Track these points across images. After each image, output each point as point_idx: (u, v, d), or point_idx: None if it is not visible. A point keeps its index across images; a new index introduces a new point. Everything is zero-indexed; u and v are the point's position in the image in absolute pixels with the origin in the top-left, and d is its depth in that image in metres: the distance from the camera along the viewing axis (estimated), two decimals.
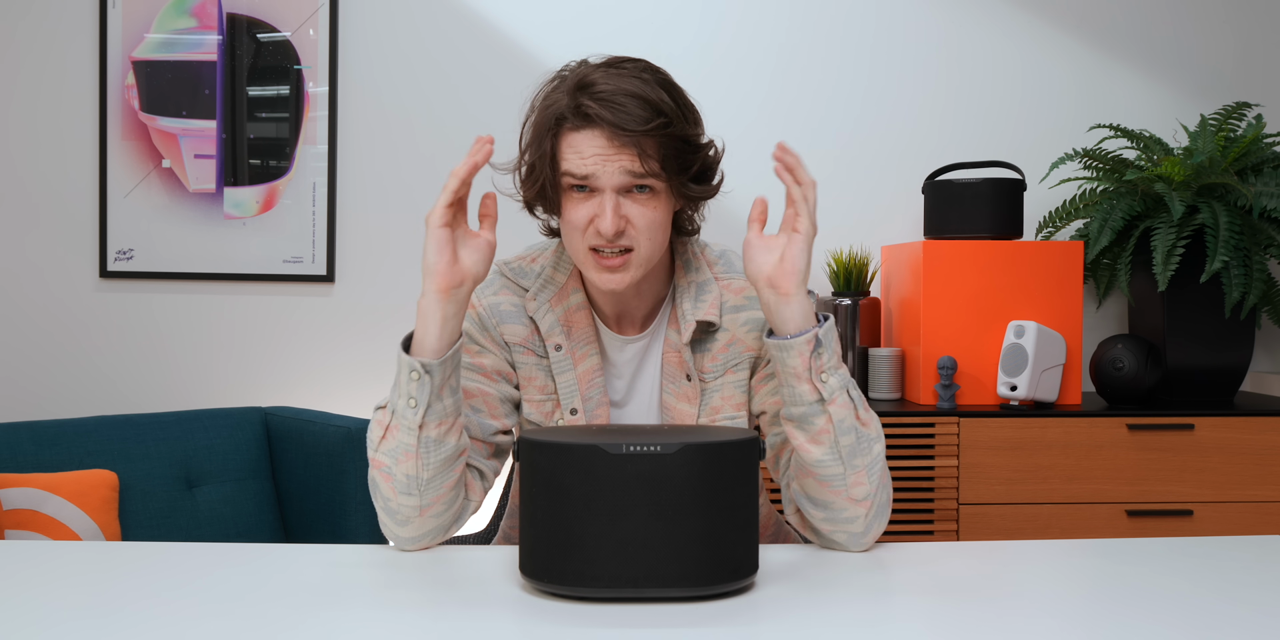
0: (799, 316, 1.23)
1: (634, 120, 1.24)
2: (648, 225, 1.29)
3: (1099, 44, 2.92)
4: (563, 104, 1.27)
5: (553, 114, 1.29)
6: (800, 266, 1.22)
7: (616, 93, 1.25)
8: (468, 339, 1.40)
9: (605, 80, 1.26)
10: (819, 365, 1.21)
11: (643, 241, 1.30)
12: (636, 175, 1.27)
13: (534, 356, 1.39)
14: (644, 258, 1.31)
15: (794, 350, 1.21)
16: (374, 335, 2.90)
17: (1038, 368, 2.41)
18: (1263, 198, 2.47)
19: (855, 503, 1.24)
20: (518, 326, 1.39)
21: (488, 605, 1.06)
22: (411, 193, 2.89)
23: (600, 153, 1.26)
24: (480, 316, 1.40)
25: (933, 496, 2.38)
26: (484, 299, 1.41)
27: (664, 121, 1.25)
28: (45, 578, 1.14)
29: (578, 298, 1.39)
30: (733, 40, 2.90)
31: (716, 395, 1.39)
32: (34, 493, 2.16)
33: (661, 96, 1.27)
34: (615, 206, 1.27)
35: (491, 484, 1.36)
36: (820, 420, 1.22)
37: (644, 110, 1.25)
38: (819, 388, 1.21)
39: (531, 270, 1.42)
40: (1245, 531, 2.40)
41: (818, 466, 1.24)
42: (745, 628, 0.99)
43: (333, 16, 2.86)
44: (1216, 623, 1.01)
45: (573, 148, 1.27)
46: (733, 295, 1.41)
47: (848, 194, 2.91)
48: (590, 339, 1.39)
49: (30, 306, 2.90)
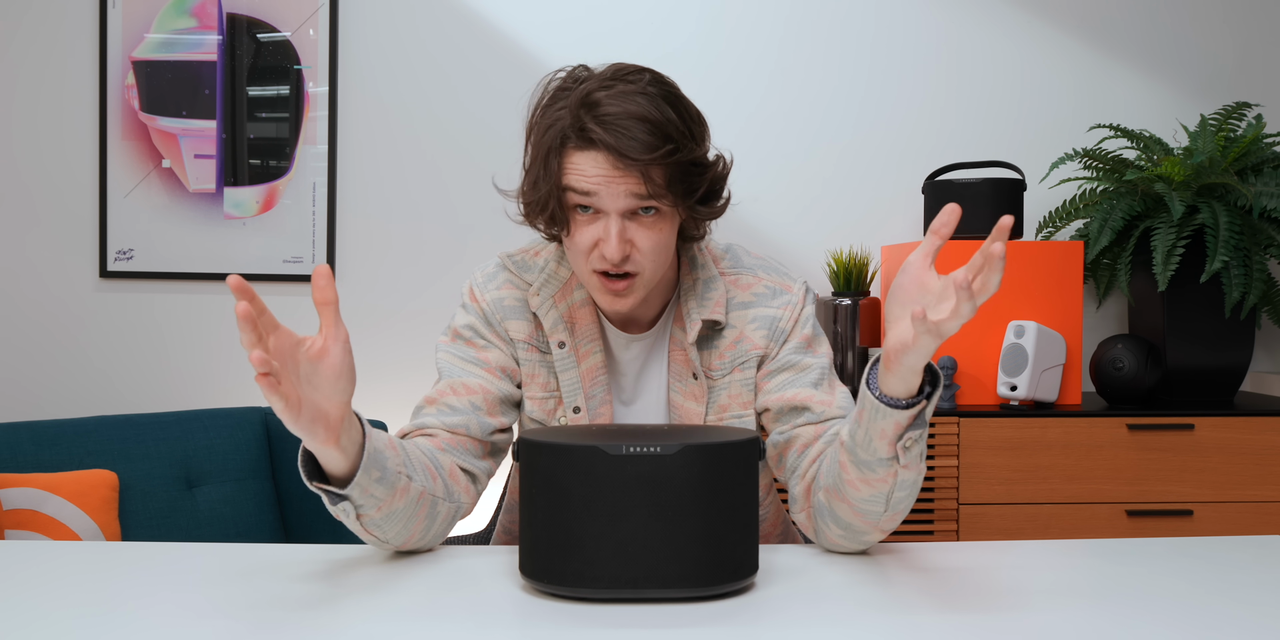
0: (914, 379, 1.09)
1: (640, 147, 1.19)
2: (653, 248, 1.27)
3: (1099, 44, 2.92)
4: (566, 123, 1.23)
5: (556, 134, 1.24)
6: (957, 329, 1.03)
7: (622, 116, 1.20)
8: (473, 334, 1.38)
9: (611, 101, 1.21)
10: (910, 435, 1.12)
11: (647, 265, 1.28)
12: (641, 198, 1.23)
13: (538, 353, 1.37)
14: (648, 280, 1.29)
15: (892, 418, 1.11)
16: (374, 335, 2.90)
17: (1038, 368, 2.41)
18: (1263, 198, 2.47)
19: (881, 531, 1.23)
20: (521, 322, 1.37)
21: (488, 605, 1.06)
22: (411, 193, 2.89)
23: (605, 175, 1.22)
24: (485, 312, 1.38)
25: (933, 496, 2.38)
26: (487, 294, 1.39)
27: (671, 148, 1.21)
28: (45, 578, 1.14)
29: (581, 294, 1.37)
30: (731, 39, 2.90)
31: (724, 393, 1.38)
32: (34, 493, 2.16)
33: (669, 116, 1.22)
34: (620, 231, 1.24)
35: (485, 486, 1.34)
36: (884, 472, 1.15)
37: (651, 135, 1.20)
38: (899, 453, 1.13)
39: (535, 264, 1.39)
40: (1245, 531, 2.40)
41: (860, 502, 1.19)
42: (745, 628, 0.99)
43: (333, 16, 2.86)
44: (1216, 623, 1.01)
45: (577, 169, 1.23)
46: (740, 292, 1.39)
47: (848, 194, 2.91)
48: (594, 336, 1.37)
49: (30, 306, 2.90)
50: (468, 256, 2.89)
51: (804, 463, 1.31)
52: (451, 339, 1.39)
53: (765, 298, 1.40)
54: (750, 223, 2.90)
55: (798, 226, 2.90)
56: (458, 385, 1.34)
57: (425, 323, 2.90)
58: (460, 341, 1.38)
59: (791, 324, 1.39)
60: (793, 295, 1.41)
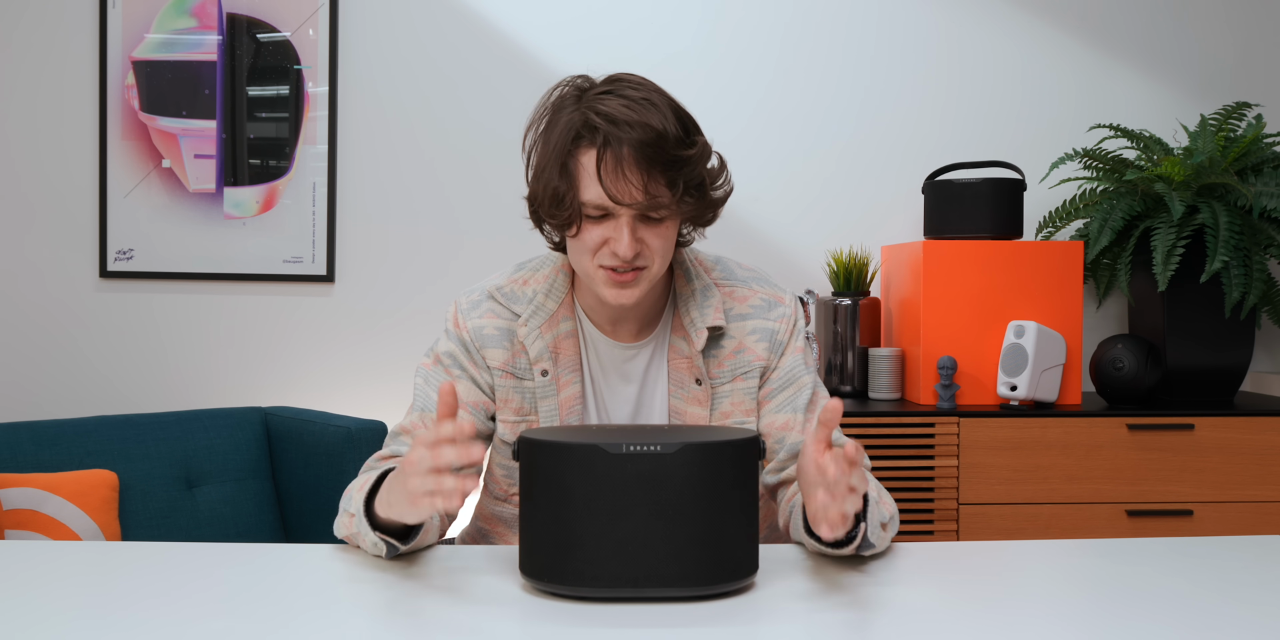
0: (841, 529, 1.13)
1: (653, 151, 1.25)
2: (661, 246, 1.32)
3: (1099, 44, 2.92)
4: (578, 127, 1.27)
5: (568, 138, 1.28)
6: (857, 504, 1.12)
7: (635, 121, 1.24)
8: (452, 361, 1.42)
9: (622, 107, 1.25)
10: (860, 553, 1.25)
11: (656, 260, 1.33)
12: (653, 199, 1.27)
13: (513, 379, 1.41)
14: (655, 274, 1.34)
15: (834, 552, 1.23)
16: (374, 335, 2.90)
17: (1038, 368, 2.41)
18: (1263, 198, 2.47)
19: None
20: (498, 350, 1.41)
21: (488, 605, 1.06)
22: (411, 193, 2.89)
23: (616, 180, 1.26)
24: (465, 341, 1.42)
25: (933, 496, 2.38)
26: (469, 322, 1.42)
27: (681, 153, 1.27)
28: (45, 578, 1.14)
29: (567, 326, 1.42)
30: (732, 40, 2.90)
31: (726, 400, 1.42)
32: (34, 493, 2.16)
33: (676, 123, 1.27)
34: (632, 230, 1.28)
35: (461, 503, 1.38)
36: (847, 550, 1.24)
37: (662, 141, 1.25)
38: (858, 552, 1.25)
39: (523, 294, 1.43)
40: (1245, 531, 2.40)
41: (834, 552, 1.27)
42: (745, 628, 0.99)
43: (333, 16, 2.86)
44: (1216, 623, 1.01)
45: (589, 174, 1.27)
46: (737, 303, 1.44)
47: (848, 194, 2.91)
48: (575, 367, 1.41)
49: (30, 306, 2.90)
50: (467, 256, 2.89)
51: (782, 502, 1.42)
52: (433, 363, 1.44)
53: (762, 310, 1.45)
54: (750, 223, 2.90)
55: (798, 226, 2.90)
56: (428, 420, 1.40)
57: (424, 322, 2.90)
58: (439, 368, 1.43)
59: (788, 336, 1.45)
60: (786, 307, 1.46)
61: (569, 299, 1.42)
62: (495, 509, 1.48)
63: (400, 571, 1.19)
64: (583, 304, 1.43)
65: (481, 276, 2.89)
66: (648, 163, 1.25)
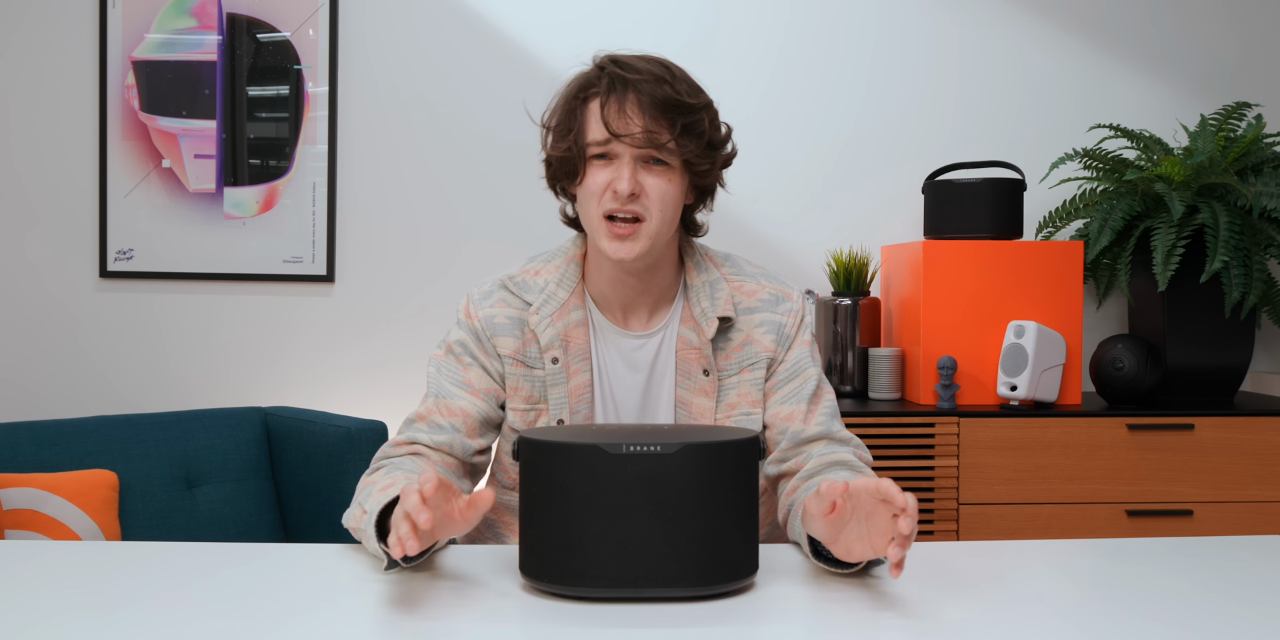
0: None
1: (657, 92, 1.33)
2: (660, 195, 1.36)
3: (1099, 44, 2.92)
4: (590, 75, 1.37)
5: (579, 83, 1.38)
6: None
7: (644, 71, 1.35)
8: (463, 350, 1.45)
9: (632, 60, 1.37)
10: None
11: (654, 212, 1.36)
12: (651, 136, 1.33)
13: (523, 368, 1.44)
14: (654, 230, 1.36)
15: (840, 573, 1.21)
16: (374, 335, 2.90)
17: (1038, 368, 2.41)
18: (1263, 198, 2.47)
19: None
20: (509, 338, 1.43)
21: (488, 605, 1.06)
22: (411, 192, 2.89)
23: (621, 119, 1.33)
24: (476, 330, 1.45)
25: (933, 496, 2.38)
26: (481, 310, 1.45)
27: (688, 101, 1.35)
28: (45, 578, 1.14)
29: (578, 315, 1.44)
30: (732, 40, 2.90)
31: (733, 392, 1.44)
32: (34, 493, 2.16)
33: (683, 76, 1.39)
34: (632, 171, 1.34)
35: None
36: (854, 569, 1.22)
37: (667, 87, 1.34)
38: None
39: (535, 284, 1.45)
40: (1245, 531, 2.40)
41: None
42: (745, 628, 0.99)
43: (333, 16, 2.86)
44: (1216, 623, 1.01)
45: (595, 115, 1.35)
46: (745, 297, 1.47)
47: (848, 194, 2.91)
48: (584, 355, 1.44)
49: (30, 306, 2.90)
50: (467, 256, 2.89)
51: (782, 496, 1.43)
52: (445, 354, 1.47)
53: (770, 304, 1.47)
54: (750, 223, 2.90)
55: (798, 226, 2.90)
56: (443, 406, 1.42)
57: (425, 322, 2.90)
58: (451, 358, 1.46)
59: (795, 329, 1.48)
60: (794, 302, 1.49)
61: (580, 289, 1.45)
62: (503, 497, 1.49)
63: (400, 571, 1.19)
64: (593, 293, 1.46)
65: (481, 277, 2.88)
66: (650, 103, 1.33)
